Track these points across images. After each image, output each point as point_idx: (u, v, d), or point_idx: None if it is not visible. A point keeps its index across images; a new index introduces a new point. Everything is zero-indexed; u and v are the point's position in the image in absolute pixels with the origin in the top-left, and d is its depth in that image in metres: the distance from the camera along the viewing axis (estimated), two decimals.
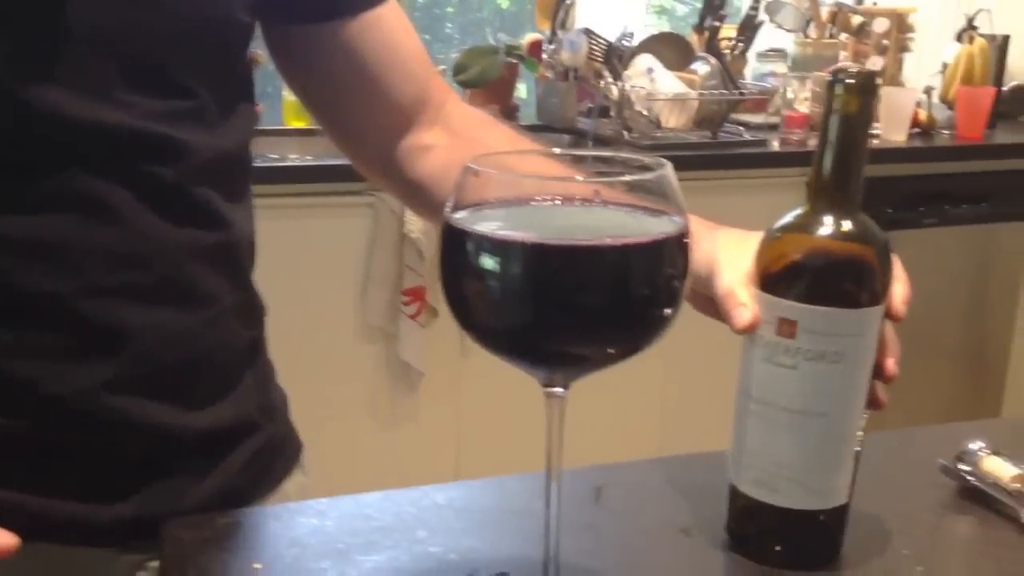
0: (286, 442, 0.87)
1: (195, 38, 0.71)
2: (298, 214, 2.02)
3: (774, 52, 2.87)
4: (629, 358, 0.55)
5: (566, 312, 0.52)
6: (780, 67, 2.81)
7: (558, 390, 0.57)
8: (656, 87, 2.43)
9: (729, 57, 2.66)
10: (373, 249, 2.07)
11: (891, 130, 2.61)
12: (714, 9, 2.64)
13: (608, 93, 2.42)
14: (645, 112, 2.40)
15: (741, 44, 2.75)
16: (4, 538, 0.60)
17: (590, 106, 2.48)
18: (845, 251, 0.65)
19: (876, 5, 2.92)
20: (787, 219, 0.66)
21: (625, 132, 2.39)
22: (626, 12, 2.90)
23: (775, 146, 2.50)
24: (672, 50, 2.57)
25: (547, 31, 2.59)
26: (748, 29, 2.75)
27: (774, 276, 0.65)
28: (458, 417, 2.24)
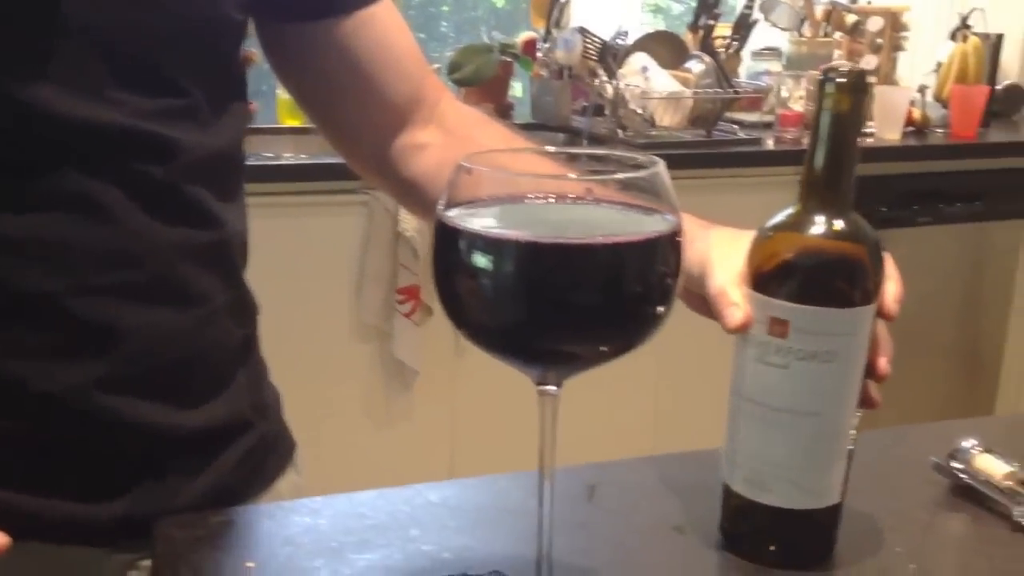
0: (279, 441, 0.87)
1: (188, 36, 0.71)
2: (293, 213, 2.02)
3: (768, 51, 2.87)
4: (622, 356, 0.55)
5: (559, 310, 0.52)
6: (774, 66, 2.81)
7: (551, 388, 0.57)
8: (650, 86, 2.43)
9: (723, 56, 2.66)
10: (367, 248, 2.07)
11: (885, 129, 2.61)
12: (708, 8, 2.64)
13: (603, 92, 2.42)
14: (640, 111, 2.40)
15: (735, 43, 2.75)
16: None
17: (585, 105, 2.48)
18: (836, 250, 0.65)
19: (870, 4, 2.92)
20: (779, 218, 0.66)
21: (620, 131, 2.39)
22: (621, 11, 2.90)
23: (769, 145, 2.50)
24: (666, 49, 2.57)
25: (542, 30, 2.59)
26: (742, 28, 2.76)
27: (766, 275, 0.65)
28: (453, 416, 2.24)
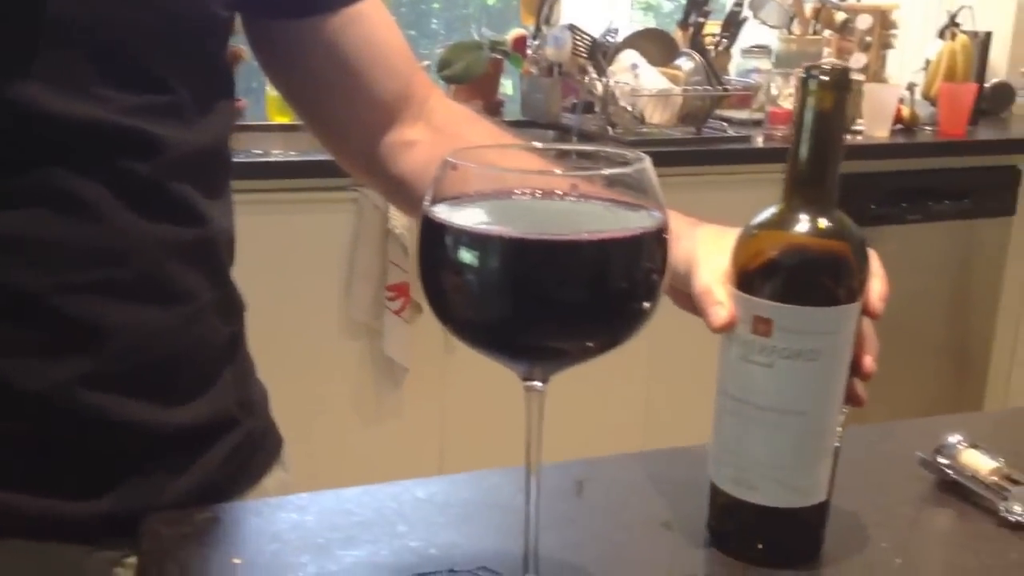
0: (266, 438, 0.87)
1: (174, 33, 0.70)
2: (282, 210, 2.01)
3: (758, 48, 2.88)
4: (607, 352, 0.55)
5: (544, 306, 0.52)
6: (764, 63, 2.82)
7: (537, 384, 0.57)
8: (640, 83, 2.43)
9: (713, 53, 2.66)
10: (357, 245, 2.07)
11: (874, 126, 2.62)
12: (698, 5, 2.65)
13: (592, 89, 2.42)
14: (629, 108, 2.40)
15: (725, 40, 2.76)
16: None
17: (574, 102, 2.48)
18: (820, 248, 0.65)
19: (859, 2, 2.93)
20: (763, 216, 0.66)
21: (609, 128, 2.39)
22: (611, 8, 2.90)
23: (759, 142, 2.50)
24: (656, 46, 2.57)
25: (532, 27, 2.59)
26: (732, 25, 2.76)
27: (750, 274, 0.65)
28: (442, 413, 2.24)
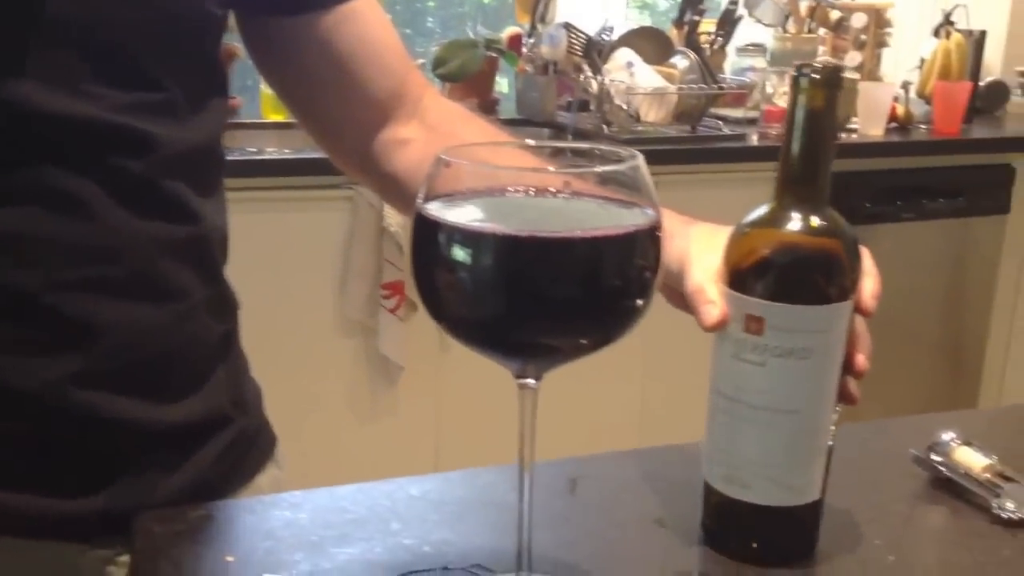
0: (259, 436, 0.86)
1: (167, 31, 0.70)
2: (277, 208, 2.01)
3: (753, 47, 2.88)
4: (601, 349, 0.55)
5: (537, 303, 0.52)
6: (759, 62, 2.82)
7: (530, 381, 0.57)
8: (635, 81, 2.43)
9: (708, 52, 2.66)
10: (352, 243, 2.07)
11: (869, 124, 2.62)
12: (694, 4, 2.65)
13: (588, 87, 2.42)
14: (624, 106, 2.40)
15: (720, 39, 2.76)
16: None
17: (570, 100, 2.48)
18: (811, 246, 0.65)
19: (854, 0, 2.93)
20: (754, 215, 0.66)
21: (605, 126, 2.39)
22: (606, 6, 2.90)
23: (754, 140, 2.51)
24: (651, 44, 2.57)
25: (527, 25, 2.59)
26: (727, 24, 2.76)
27: (742, 272, 0.65)
28: (437, 411, 2.24)
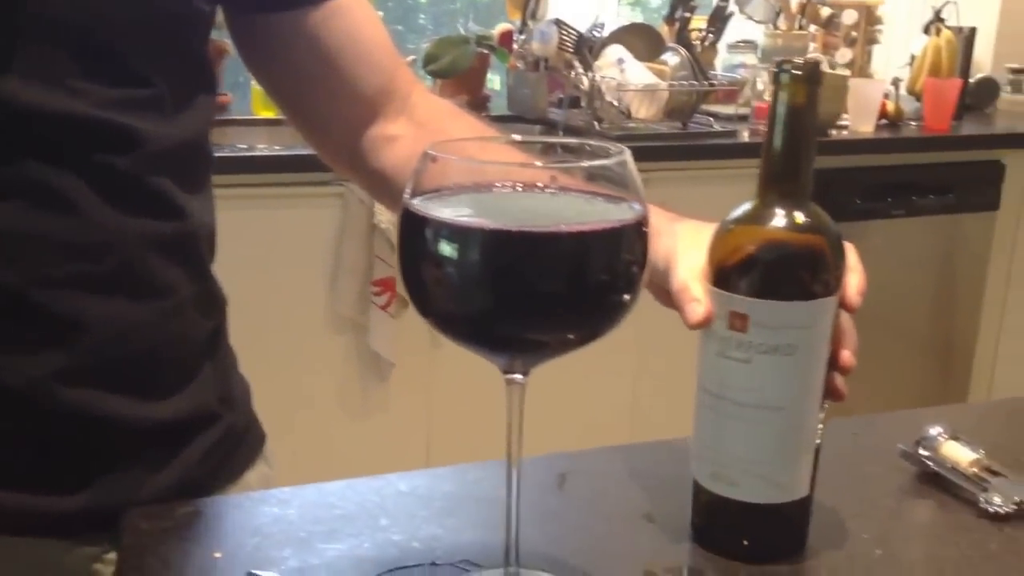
0: (248, 433, 0.86)
1: (154, 27, 0.70)
2: (267, 204, 2.01)
3: (744, 44, 2.88)
4: (587, 345, 0.55)
5: (524, 298, 0.52)
6: (750, 58, 2.83)
7: (518, 377, 0.57)
8: (626, 78, 2.43)
9: (699, 48, 2.66)
10: (343, 239, 2.07)
11: (859, 121, 2.63)
12: (684, 0, 2.65)
13: (579, 84, 2.42)
14: (615, 103, 2.40)
15: (711, 35, 2.76)
16: None
17: (561, 97, 2.48)
18: (794, 242, 0.64)
19: None
20: (738, 212, 0.66)
21: (596, 123, 2.39)
22: (597, 3, 2.90)
23: (745, 137, 2.51)
24: (642, 41, 2.57)
25: (518, 22, 2.58)
26: (718, 20, 2.76)
27: (726, 270, 0.65)
28: (429, 407, 2.24)
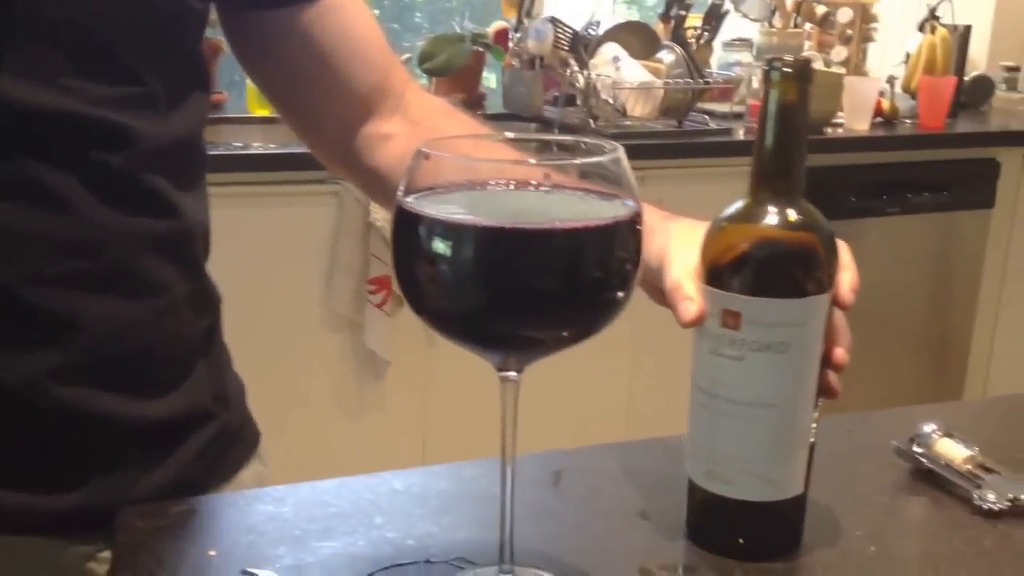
0: (242, 431, 0.86)
1: (147, 24, 0.70)
2: (263, 202, 2.01)
3: (740, 41, 2.88)
4: (581, 342, 0.55)
5: (517, 295, 0.52)
6: (745, 56, 2.83)
7: (512, 374, 0.57)
8: (622, 76, 2.43)
9: (695, 46, 2.66)
10: (338, 238, 2.06)
11: (854, 119, 2.63)
12: None
13: (574, 82, 2.42)
14: (611, 100, 2.40)
15: (707, 33, 2.76)
16: None
17: (556, 94, 2.48)
18: (786, 239, 0.64)
19: None
20: (730, 210, 0.66)
21: (591, 121, 2.39)
22: (593, 1, 2.90)
23: (740, 135, 2.51)
24: (638, 39, 2.58)
25: (513, 20, 2.58)
26: (713, 18, 2.76)
27: (719, 268, 0.65)
28: (425, 406, 2.24)
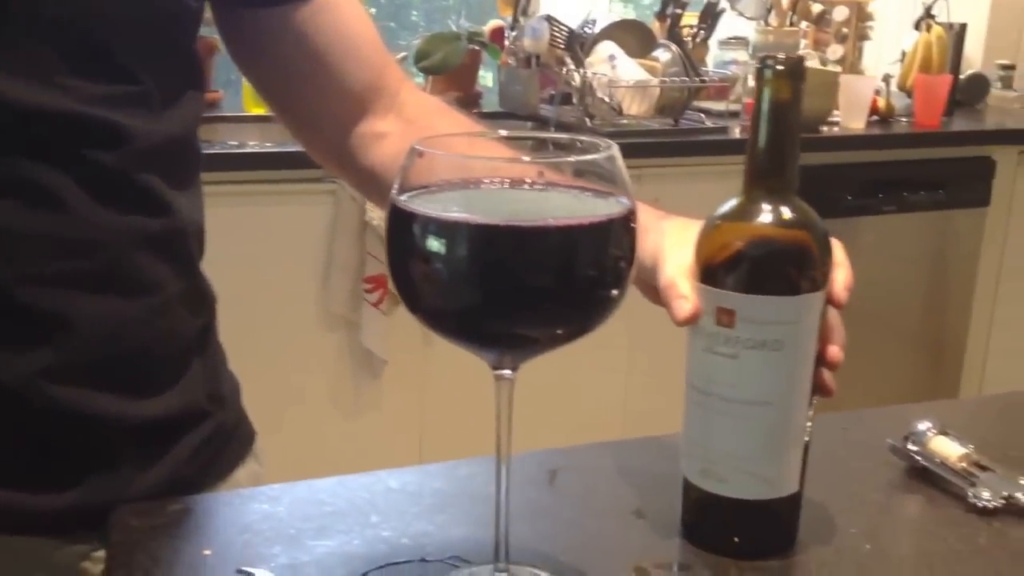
0: (237, 430, 0.86)
1: (141, 23, 0.70)
2: (259, 201, 2.01)
3: (735, 40, 2.88)
4: (575, 340, 0.55)
5: (512, 293, 0.52)
6: (741, 55, 2.83)
7: (507, 372, 0.57)
8: (618, 74, 2.43)
9: (690, 44, 2.67)
10: (335, 236, 2.06)
11: (850, 117, 2.63)
12: None
13: (570, 80, 2.42)
14: (607, 99, 2.41)
15: (702, 32, 2.77)
16: None
17: (552, 93, 2.48)
18: (780, 237, 0.65)
19: None
20: (724, 208, 0.66)
21: (587, 119, 2.39)
22: None
23: (736, 133, 2.51)
24: (634, 37, 2.58)
25: (509, 18, 2.58)
26: (709, 17, 2.77)
27: (713, 266, 0.65)
28: (421, 405, 2.24)
